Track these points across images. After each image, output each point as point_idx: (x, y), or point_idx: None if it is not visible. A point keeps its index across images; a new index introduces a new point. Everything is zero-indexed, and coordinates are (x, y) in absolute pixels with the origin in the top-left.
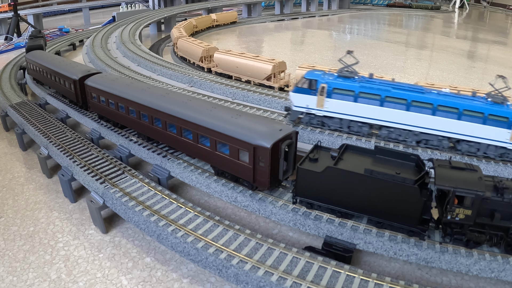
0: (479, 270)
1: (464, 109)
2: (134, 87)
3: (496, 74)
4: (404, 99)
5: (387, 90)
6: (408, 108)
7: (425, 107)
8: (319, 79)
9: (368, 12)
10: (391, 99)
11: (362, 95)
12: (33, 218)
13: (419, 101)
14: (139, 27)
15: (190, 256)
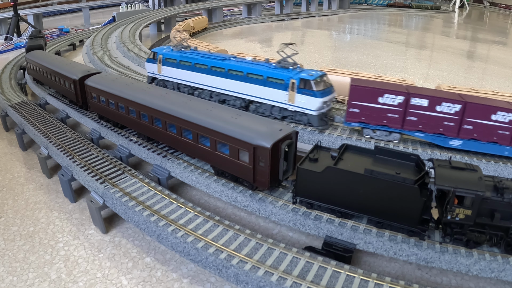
0: (479, 270)
1: (248, 72)
2: (134, 87)
3: (281, 43)
4: (205, 65)
5: (196, 58)
6: (209, 73)
7: (220, 71)
8: (158, 52)
9: (368, 12)
10: (199, 66)
11: (181, 63)
12: (33, 218)
13: (217, 66)
14: (139, 27)
15: (190, 256)
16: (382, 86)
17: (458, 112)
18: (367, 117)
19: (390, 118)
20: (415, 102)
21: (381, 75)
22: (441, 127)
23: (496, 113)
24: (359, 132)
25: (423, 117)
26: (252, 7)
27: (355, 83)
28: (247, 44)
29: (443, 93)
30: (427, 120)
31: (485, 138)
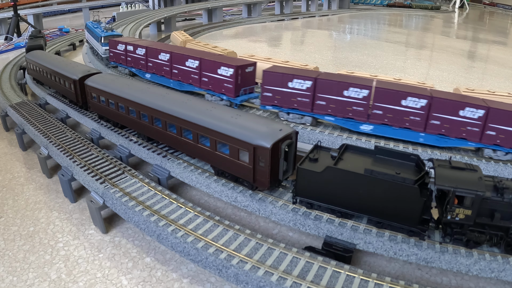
0: (479, 270)
1: (95, 35)
2: (134, 87)
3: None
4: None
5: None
6: (91, 34)
7: (93, 34)
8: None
9: (368, 12)
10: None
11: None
12: (33, 218)
13: (92, 31)
14: (139, 27)
15: (190, 256)
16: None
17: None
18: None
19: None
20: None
21: (400, 78)
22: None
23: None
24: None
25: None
26: (252, 7)
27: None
28: (247, 44)
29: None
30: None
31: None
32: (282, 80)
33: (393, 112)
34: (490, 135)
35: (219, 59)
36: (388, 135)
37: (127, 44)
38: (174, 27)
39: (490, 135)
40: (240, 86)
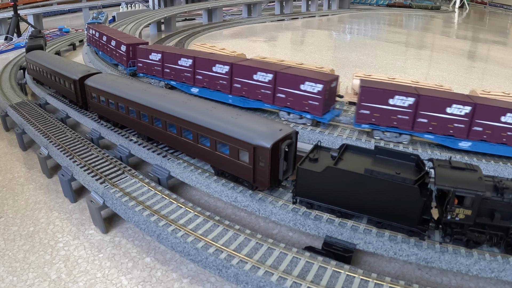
0: (479, 270)
1: None
2: (134, 87)
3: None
4: None
5: None
6: None
7: None
8: None
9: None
10: None
11: None
12: (33, 218)
13: None
14: (139, 27)
15: (190, 256)
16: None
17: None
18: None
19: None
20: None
21: (418, 81)
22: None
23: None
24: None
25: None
26: (252, 7)
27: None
28: (247, 44)
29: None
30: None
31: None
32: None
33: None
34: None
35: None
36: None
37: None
38: (174, 27)
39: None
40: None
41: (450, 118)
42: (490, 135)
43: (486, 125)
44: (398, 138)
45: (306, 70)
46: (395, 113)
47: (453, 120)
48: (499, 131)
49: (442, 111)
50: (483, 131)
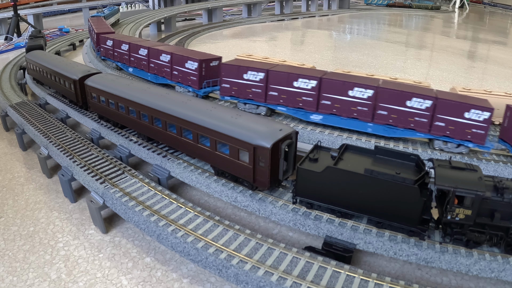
0: (479, 270)
1: None
2: (134, 87)
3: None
4: None
5: None
6: None
7: None
8: None
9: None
10: None
11: None
12: (33, 218)
13: None
14: (139, 27)
15: (190, 256)
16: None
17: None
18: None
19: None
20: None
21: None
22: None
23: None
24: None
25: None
26: (252, 7)
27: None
28: (247, 44)
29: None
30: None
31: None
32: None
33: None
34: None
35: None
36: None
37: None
38: (174, 27)
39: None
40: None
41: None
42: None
43: (332, 98)
44: (256, 109)
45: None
46: (249, 87)
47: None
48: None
49: (290, 86)
50: (331, 105)
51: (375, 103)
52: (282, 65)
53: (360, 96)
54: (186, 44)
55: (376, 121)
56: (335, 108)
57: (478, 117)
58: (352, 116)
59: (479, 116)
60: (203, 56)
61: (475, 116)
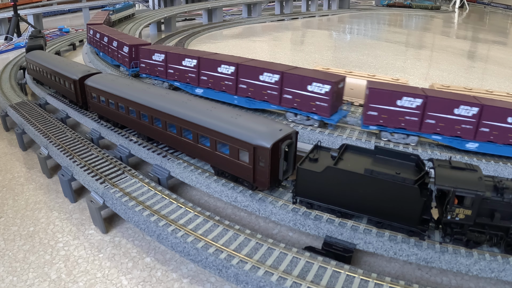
0: (479, 270)
1: None
2: (134, 87)
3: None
4: None
5: None
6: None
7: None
8: None
9: (368, 12)
10: None
11: None
12: (33, 218)
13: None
14: (139, 27)
15: (190, 256)
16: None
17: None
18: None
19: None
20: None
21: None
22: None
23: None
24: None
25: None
26: (252, 7)
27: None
28: (247, 44)
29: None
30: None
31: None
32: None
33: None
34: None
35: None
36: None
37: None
38: (174, 27)
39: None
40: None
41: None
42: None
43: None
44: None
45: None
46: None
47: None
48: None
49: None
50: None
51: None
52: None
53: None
54: (186, 44)
55: (239, 94)
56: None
57: (320, 90)
58: (222, 90)
59: (321, 89)
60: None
61: (317, 89)
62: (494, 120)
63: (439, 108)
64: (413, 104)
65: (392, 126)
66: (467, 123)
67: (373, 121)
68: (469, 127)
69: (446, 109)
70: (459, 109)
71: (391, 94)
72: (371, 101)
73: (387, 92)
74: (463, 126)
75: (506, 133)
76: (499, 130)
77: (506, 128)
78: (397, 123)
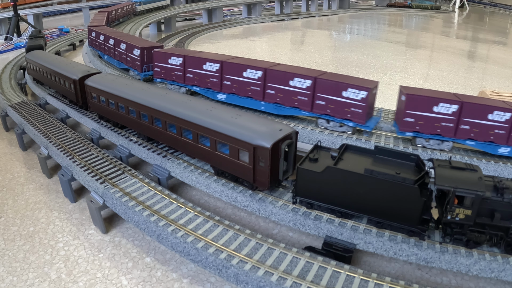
0: (479, 270)
1: None
2: (134, 87)
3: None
4: None
5: None
6: None
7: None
8: None
9: (368, 12)
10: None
11: None
12: (33, 218)
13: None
14: (139, 27)
15: (190, 256)
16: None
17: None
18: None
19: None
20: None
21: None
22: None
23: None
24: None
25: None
26: (252, 7)
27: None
28: (247, 44)
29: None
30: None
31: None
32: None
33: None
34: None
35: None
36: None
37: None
38: (174, 27)
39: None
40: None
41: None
42: None
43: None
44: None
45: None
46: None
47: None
48: None
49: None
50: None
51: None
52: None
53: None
54: (186, 45)
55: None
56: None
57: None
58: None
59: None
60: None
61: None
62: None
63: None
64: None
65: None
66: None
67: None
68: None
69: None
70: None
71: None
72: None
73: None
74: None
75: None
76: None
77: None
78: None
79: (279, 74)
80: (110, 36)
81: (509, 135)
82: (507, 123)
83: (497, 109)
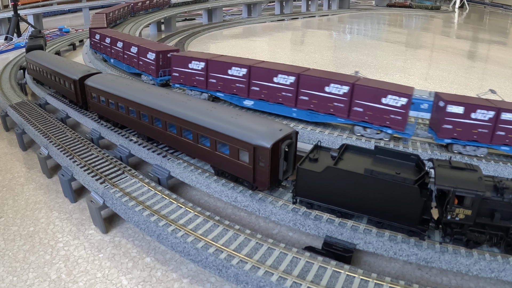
0: (479, 270)
1: None
2: (134, 87)
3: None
4: None
5: None
6: None
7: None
8: None
9: (368, 12)
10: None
11: None
12: (33, 218)
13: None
14: (139, 27)
15: (190, 256)
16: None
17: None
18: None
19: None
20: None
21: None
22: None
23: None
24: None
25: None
26: (252, 7)
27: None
28: (247, 44)
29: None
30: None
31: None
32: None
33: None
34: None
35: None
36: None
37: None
38: (174, 27)
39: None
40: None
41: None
42: None
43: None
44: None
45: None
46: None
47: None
48: None
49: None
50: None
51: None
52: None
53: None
54: (186, 45)
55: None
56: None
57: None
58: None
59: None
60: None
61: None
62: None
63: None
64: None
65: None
66: None
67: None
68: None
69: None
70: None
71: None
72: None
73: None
74: None
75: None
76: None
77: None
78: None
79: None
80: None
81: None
82: None
83: None
